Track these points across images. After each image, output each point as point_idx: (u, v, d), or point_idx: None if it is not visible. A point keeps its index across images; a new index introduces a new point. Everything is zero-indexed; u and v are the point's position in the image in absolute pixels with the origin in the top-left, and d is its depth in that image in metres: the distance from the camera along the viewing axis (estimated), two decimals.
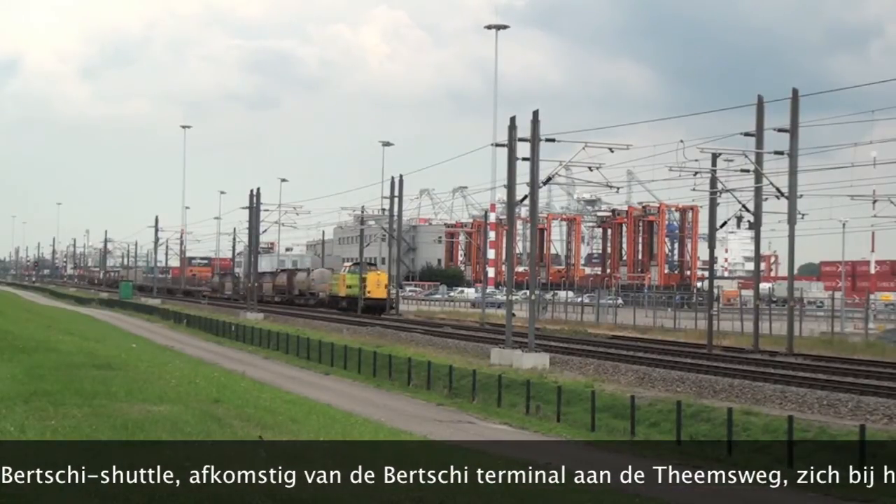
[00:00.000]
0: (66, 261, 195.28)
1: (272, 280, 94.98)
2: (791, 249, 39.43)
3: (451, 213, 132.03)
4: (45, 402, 14.87)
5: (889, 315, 57.64)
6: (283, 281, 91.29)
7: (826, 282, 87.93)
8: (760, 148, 39.12)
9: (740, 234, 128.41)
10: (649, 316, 60.59)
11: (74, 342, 30.64)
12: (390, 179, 70.76)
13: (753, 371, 31.76)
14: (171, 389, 18.73)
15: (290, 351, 43.99)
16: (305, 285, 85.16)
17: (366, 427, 19.75)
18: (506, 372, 32.31)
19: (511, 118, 38.92)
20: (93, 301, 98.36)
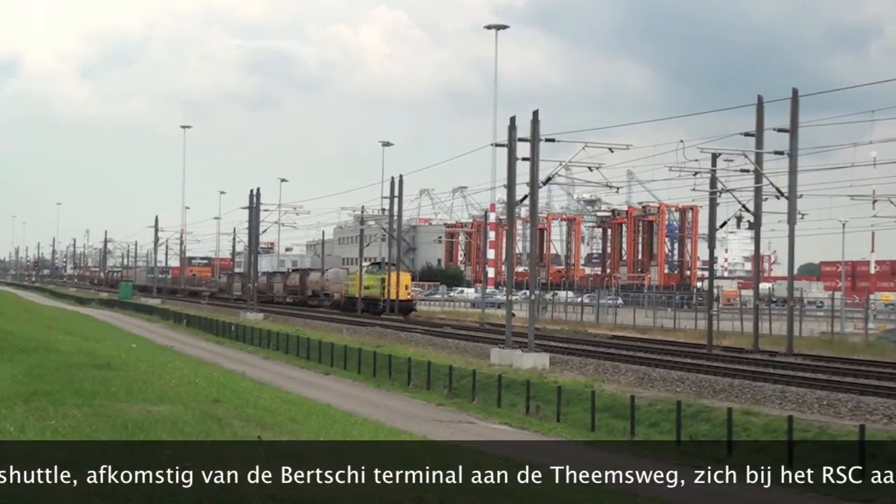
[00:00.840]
0: (66, 261, 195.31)
1: (283, 280, 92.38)
2: (791, 249, 39.42)
3: (450, 213, 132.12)
4: (44, 402, 14.86)
5: (889, 315, 57.63)
6: (295, 281, 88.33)
7: (826, 282, 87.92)
8: (760, 148, 39.12)
9: (740, 234, 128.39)
10: (649, 316, 60.58)
11: (74, 342, 30.63)
12: (390, 179, 70.84)
13: (753, 371, 31.76)
14: (171, 389, 18.73)
15: (289, 351, 44.00)
16: (319, 286, 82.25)
17: (366, 427, 19.75)
18: (506, 372, 32.31)
19: (511, 118, 38.98)
20: (93, 301, 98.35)
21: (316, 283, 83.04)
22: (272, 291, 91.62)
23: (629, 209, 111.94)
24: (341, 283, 77.22)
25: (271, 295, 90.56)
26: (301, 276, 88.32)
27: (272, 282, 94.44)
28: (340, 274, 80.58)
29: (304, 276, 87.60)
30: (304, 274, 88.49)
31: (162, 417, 14.39)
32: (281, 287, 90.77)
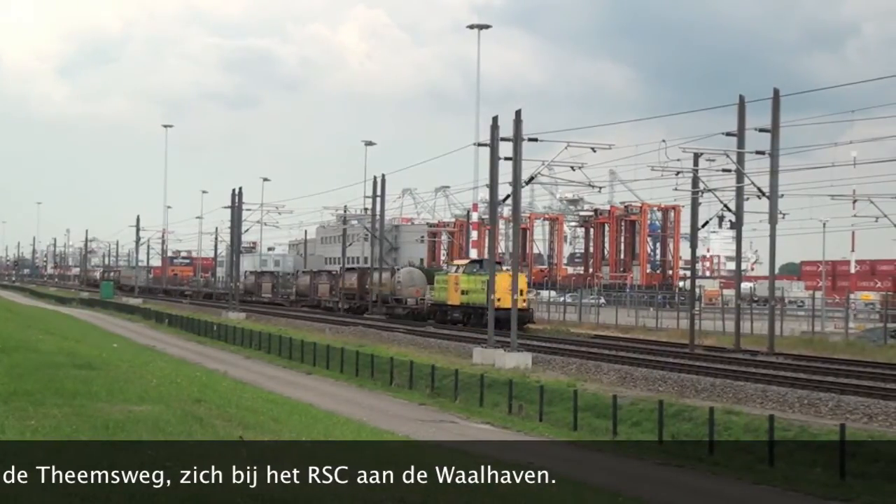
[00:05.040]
0: (47, 260, 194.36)
1: (331, 281, 77.50)
2: (772, 249, 39.56)
3: (433, 212, 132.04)
4: (24, 402, 14.78)
5: (869, 314, 57.92)
6: (351, 282, 72.03)
7: (807, 281, 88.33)
8: (742, 148, 39.25)
9: (722, 234, 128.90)
10: (631, 315, 60.71)
11: (55, 342, 30.48)
12: (373, 179, 70.79)
13: (735, 370, 31.88)
14: (153, 389, 18.67)
15: (272, 350, 43.90)
16: (388, 289, 66.00)
17: (348, 427, 19.73)
18: (488, 371, 32.33)
19: (493, 118, 38.95)
20: (73, 301, 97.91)
21: (384, 285, 66.69)
22: (316, 294, 78.30)
23: (612, 209, 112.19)
24: (416, 287, 63.62)
25: (315, 298, 78.07)
26: (360, 276, 71.55)
27: (316, 282, 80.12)
28: (416, 275, 65.91)
29: (365, 276, 70.76)
30: (365, 274, 71.24)
31: (143, 417, 14.33)
32: (327, 289, 76.81)
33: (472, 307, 52.52)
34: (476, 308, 51.71)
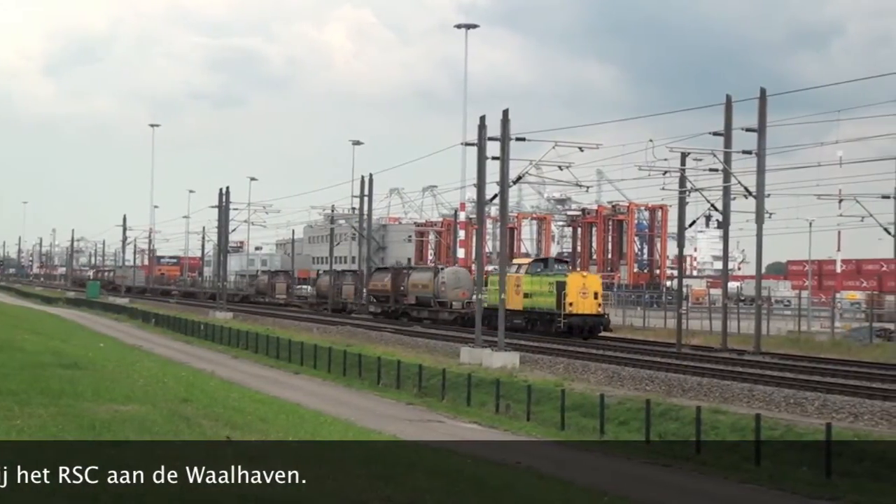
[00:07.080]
0: (32, 260, 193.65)
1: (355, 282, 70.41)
2: (759, 248, 39.66)
3: (420, 212, 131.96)
4: (10, 402, 14.73)
5: (855, 314, 58.13)
6: (385, 283, 63.74)
7: (793, 281, 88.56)
8: (729, 147, 39.34)
9: (709, 233, 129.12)
10: (619, 315, 60.79)
11: (41, 341, 30.39)
12: (360, 178, 70.76)
13: (722, 370, 31.97)
14: (139, 389, 18.64)
15: (259, 350, 43.83)
16: (430, 290, 58.77)
17: (335, 426, 19.71)
18: (475, 371, 32.34)
19: (481, 118, 38.96)
20: (60, 300, 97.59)
21: (425, 286, 59.37)
22: (340, 296, 71.22)
23: (599, 208, 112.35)
24: (463, 289, 56.39)
25: (340, 301, 70.67)
26: (394, 276, 63.36)
27: (340, 283, 72.55)
28: (462, 276, 57.95)
29: (400, 276, 62.94)
30: (399, 274, 63.47)
31: (130, 417, 14.30)
32: (352, 291, 70.04)
33: (536, 312, 47.81)
34: (542, 314, 47.28)
